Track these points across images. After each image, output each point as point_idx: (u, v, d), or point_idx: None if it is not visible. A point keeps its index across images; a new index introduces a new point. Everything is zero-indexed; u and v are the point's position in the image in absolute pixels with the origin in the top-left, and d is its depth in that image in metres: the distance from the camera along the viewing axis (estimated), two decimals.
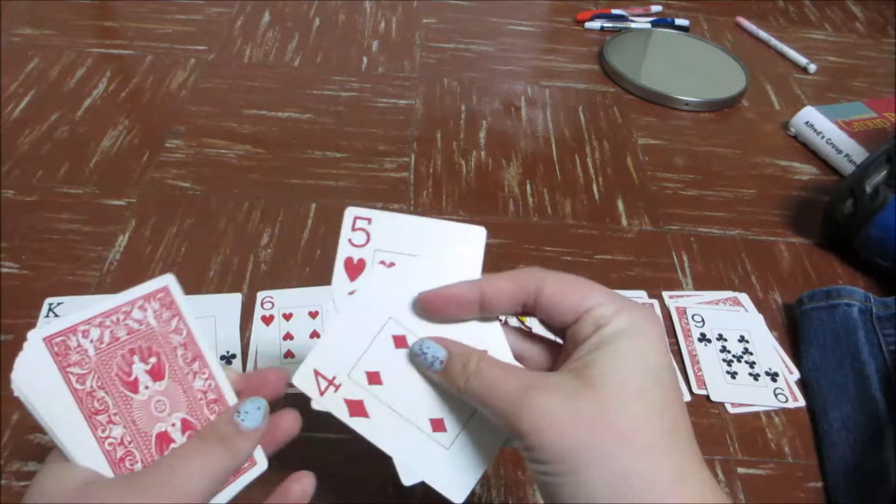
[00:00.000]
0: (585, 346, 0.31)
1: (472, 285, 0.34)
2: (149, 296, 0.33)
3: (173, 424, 0.32)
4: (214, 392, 0.34)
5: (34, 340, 0.30)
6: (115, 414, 0.31)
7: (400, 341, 0.35)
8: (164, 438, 0.32)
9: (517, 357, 0.35)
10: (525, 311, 0.34)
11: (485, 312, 0.34)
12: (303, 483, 0.35)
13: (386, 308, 0.35)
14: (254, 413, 0.33)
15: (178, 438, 0.32)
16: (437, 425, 0.34)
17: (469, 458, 0.34)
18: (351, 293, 0.35)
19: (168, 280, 0.34)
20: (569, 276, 0.33)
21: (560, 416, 0.28)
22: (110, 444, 0.30)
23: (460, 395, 0.32)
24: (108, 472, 0.30)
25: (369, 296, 0.35)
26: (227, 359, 0.53)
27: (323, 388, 0.34)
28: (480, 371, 0.31)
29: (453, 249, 0.36)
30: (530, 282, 0.33)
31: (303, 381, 0.35)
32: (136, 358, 0.32)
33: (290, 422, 0.36)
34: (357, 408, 0.34)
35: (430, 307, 0.34)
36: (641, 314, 0.31)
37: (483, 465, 0.34)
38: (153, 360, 0.32)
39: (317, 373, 0.35)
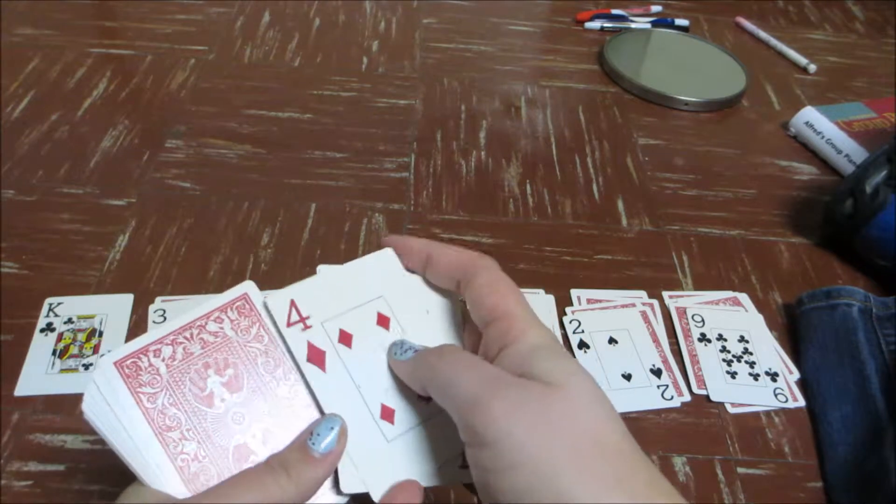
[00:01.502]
0: (513, 352, 0.30)
1: (425, 245, 0.35)
2: (225, 306, 0.33)
3: (254, 436, 0.31)
4: (301, 397, 0.33)
5: (105, 365, 0.30)
6: (188, 430, 0.30)
7: (383, 320, 0.35)
8: (242, 450, 0.31)
9: None
10: (458, 289, 0.34)
11: (428, 272, 0.36)
12: (409, 493, 0.32)
13: (381, 285, 0.35)
14: (325, 434, 0.31)
15: (260, 450, 0.31)
16: (387, 414, 0.33)
17: (405, 462, 0.33)
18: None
19: (247, 287, 0.33)
20: (500, 278, 0.33)
21: (532, 408, 0.27)
22: (183, 460, 0.30)
23: (428, 380, 0.31)
24: (181, 490, 0.30)
25: (366, 268, 0.35)
26: None
27: (292, 321, 0.33)
28: (456, 352, 0.31)
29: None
30: (468, 266, 0.34)
31: (276, 304, 0.33)
32: (210, 371, 0.31)
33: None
34: (316, 356, 0.33)
35: (391, 243, 0.36)
36: (551, 332, 0.32)
37: (414, 478, 0.33)
38: (230, 371, 0.32)
39: (293, 303, 0.33)
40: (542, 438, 0.26)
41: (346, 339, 0.34)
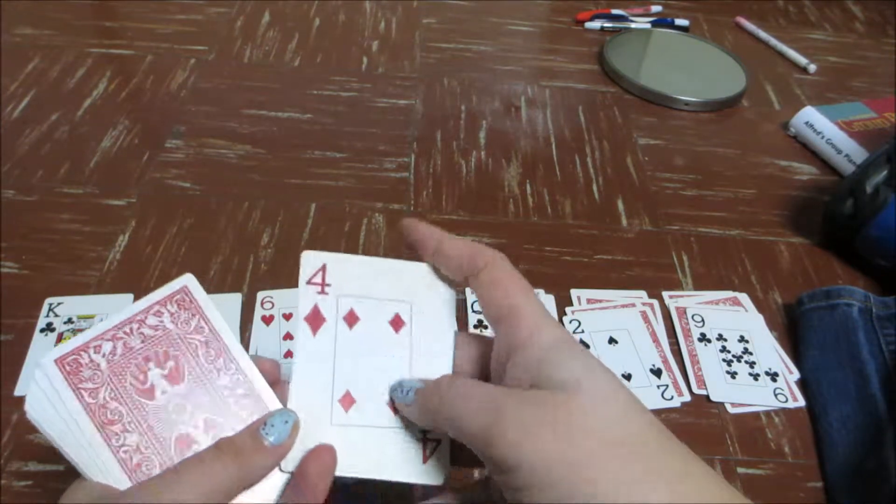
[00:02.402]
0: (524, 359, 0.30)
1: (437, 233, 0.35)
2: (164, 300, 0.33)
3: (195, 426, 0.32)
4: (243, 386, 0.33)
5: (45, 364, 0.30)
6: (129, 422, 0.31)
7: (398, 323, 0.34)
8: (184, 440, 0.31)
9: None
10: (466, 282, 0.34)
11: (436, 260, 0.35)
12: (322, 460, 0.31)
13: (415, 294, 0.35)
14: (279, 427, 0.31)
15: (202, 439, 0.32)
16: (346, 401, 0.33)
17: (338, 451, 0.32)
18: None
19: (185, 280, 0.34)
20: (509, 272, 0.33)
21: (544, 427, 0.27)
22: (125, 451, 0.30)
23: (434, 416, 0.31)
24: (124, 481, 0.30)
25: (408, 271, 0.35)
26: None
27: (314, 280, 0.34)
28: (452, 388, 0.30)
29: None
30: (477, 259, 0.33)
31: (308, 260, 0.34)
32: (151, 364, 0.32)
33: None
34: (315, 319, 0.33)
35: (406, 226, 0.36)
36: (560, 327, 0.31)
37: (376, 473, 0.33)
38: (170, 363, 0.32)
39: (323, 267, 0.34)
40: (563, 452, 0.26)
41: (351, 319, 0.34)
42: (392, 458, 0.33)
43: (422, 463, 0.33)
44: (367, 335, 0.34)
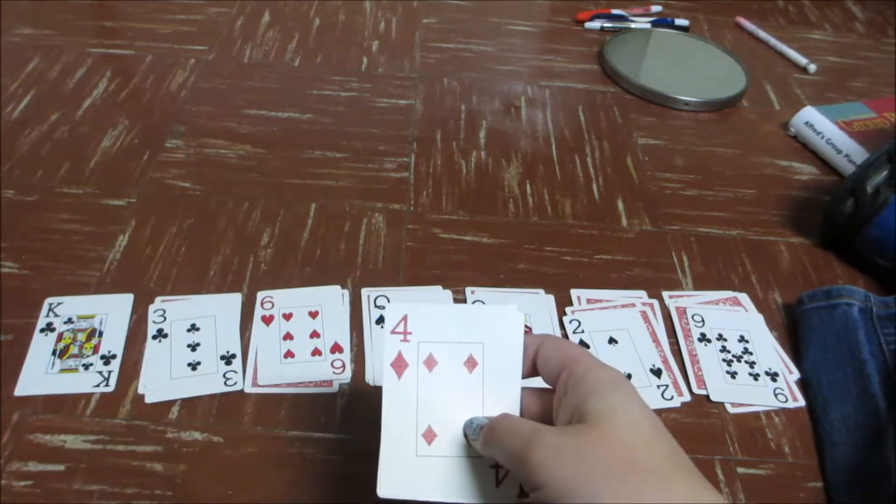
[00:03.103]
0: (572, 396, 0.34)
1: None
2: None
3: None
4: None
5: None
6: None
7: (472, 363, 0.38)
8: None
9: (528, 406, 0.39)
10: (534, 368, 0.38)
11: None
12: None
13: (488, 334, 0.39)
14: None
15: None
16: (429, 435, 0.38)
17: (424, 480, 0.37)
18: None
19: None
20: (562, 340, 0.39)
21: (567, 450, 0.31)
22: None
23: (489, 449, 0.36)
24: None
25: (485, 314, 0.39)
26: (228, 358, 0.53)
27: (397, 329, 0.38)
28: (503, 421, 0.35)
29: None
30: (534, 342, 0.38)
31: (392, 311, 0.39)
32: None
33: None
34: (399, 364, 0.38)
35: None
36: (617, 371, 0.36)
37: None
38: None
39: (405, 318, 0.38)
40: (580, 472, 0.31)
41: (430, 363, 0.38)
42: (469, 483, 0.37)
43: (494, 487, 0.37)
44: (445, 375, 0.38)
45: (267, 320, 0.56)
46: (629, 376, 0.55)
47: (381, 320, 0.57)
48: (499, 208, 0.69)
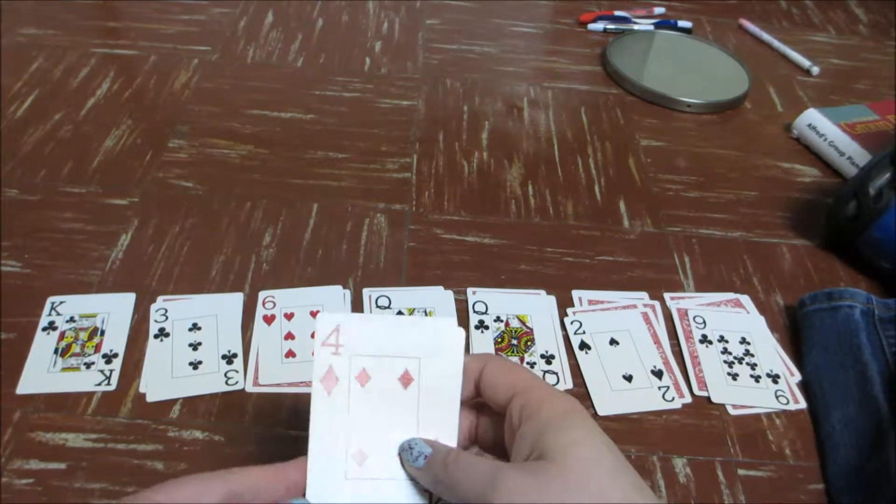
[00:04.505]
0: (528, 431, 0.33)
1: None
2: None
3: None
4: None
5: None
6: None
7: (406, 379, 0.36)
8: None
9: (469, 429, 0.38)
10: (476, 390, 0.36)
11: None
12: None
13: (426, 350, 0.36)
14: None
15: None
16: (359, 456, 0.35)
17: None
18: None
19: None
20: (509, 362, 0.37)
21: (532, 491, 0.30)
22: None
23: (437, 486, 0.34)
24: None
25: (426, 328, 0.36)
26: (229, 358, 0.53)
27: (328, 342, 0.35)
28: (459, 459, 0.33)
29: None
30: (477, 363, 0.36)
31: (323, 322, 0.36)
32: None
33: None
34: (329, 380, 0.35)
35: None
36: (570, 399, 0.34)
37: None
38: None
39: (337, 329, 0.36)
40: None
41: (363, 378, 0.36)
42: (404, 500, 0.35)
43: (423, 493, 0.35)
44: (378, 392, 0.36)
45: (268, 320, 0.56)
46: (630, 378, 0.55)
47: None
48: (501, 209, 0.69)
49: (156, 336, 0.54)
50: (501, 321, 0.58)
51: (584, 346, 0.57)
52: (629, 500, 0.30)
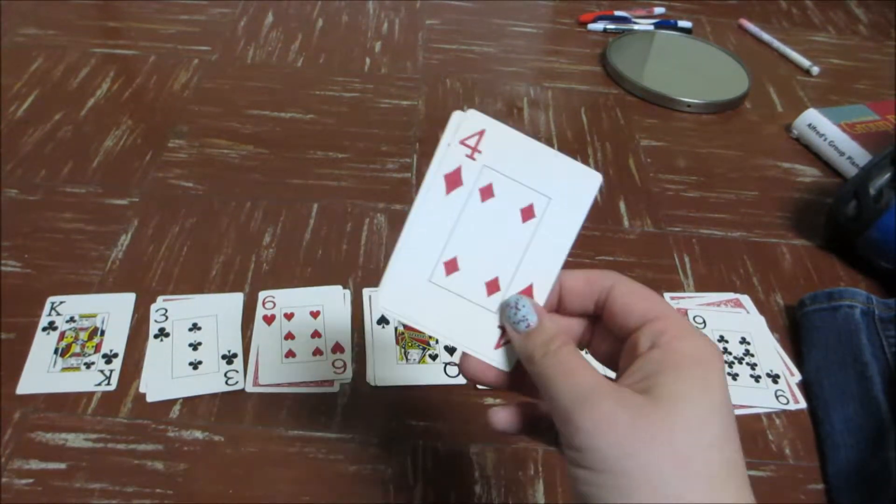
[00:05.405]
0: (649, 360, 0.30)
1: (553, 290, 0.34)
2: None
3: None
4: None
5: None
6: None
7: (528, 213, 0.34)
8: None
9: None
10: (596, 310, 0.34)
11: (562, 309, 0.35)
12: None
13: (560, 192, 0.34)
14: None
15: None
16: (450, 265, 0.34)
17: (429, 306, 0.34)
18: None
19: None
20: (640, 285, 0.33)
21: (622, 425, 0.28)
22: None
23: (530, 365, 0.32)
24: None
25: (565, 170, 0.34)
26: (229, 358, 0.53)
27: (467, 142, 0.34)
28: (560, 353, 0.31)
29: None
30: (604, 280, 0.34)
31: (468, 121, 0.33)
32: None
33: None
34: (453, 181, 0.34)
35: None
36: (708, 344, 0.31)
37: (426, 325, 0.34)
38: None
39: (481, 133, 0.33)
40: (625, 454, 0.27)
41: (486, 193, 0.34)
42: (470, 331, 0.34)
43: (493, 348, 0.34)
44: (495, 213, 0.34)
45: (268, 320, 0.56)
46: None
47: (382, 320, 0.57)
48: None
49: (156, 336, 0.54)
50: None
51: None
52: (714, 472, 0.28)
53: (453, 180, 0.34)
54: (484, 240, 0.34)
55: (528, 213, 0.34)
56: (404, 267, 0.34)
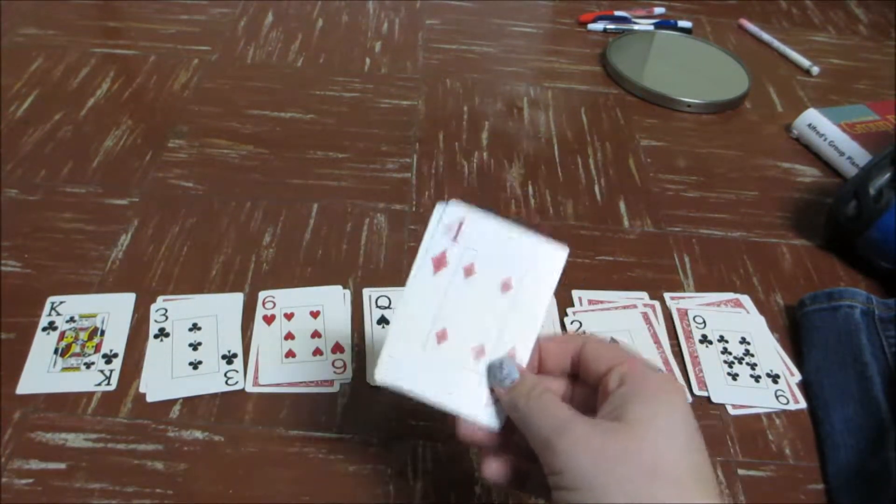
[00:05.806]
0: (618, 395, 0.34)
1: (534, 352, 0.39)
2: None
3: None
4: None
5: None
6: None
7: (507, 286, 0.39)
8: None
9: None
10: (573, 368, 0.39)
11: (544, 369, 0.39)
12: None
13: (531, 267, 0.39)
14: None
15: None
16: (440, 334, 0.38)
17: (426, 373, 0.38)
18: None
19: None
20: (605, 341, 0.39)
21: (596, 444, 0.32)
22: None
23: (514, 412, 0.36)
24: None
25: (536, 248, 0.39)
26: (229, 358, 0.53)
27: (451, 230, 0.39)
28: (541, 397, 0.35)
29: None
30: (577, 339, 0.39)
31: (450, 212, 0.39)
32: None
33: None
34: (440, 262, 0.39)
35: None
36: (670, 378, 0.37)
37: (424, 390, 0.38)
38: None
39: (461, 223, 0.39)
40: (599, 468, 0.31)
41: (469, 270, 0.39)
42: (461, 393, 0.38)
43: (484, 406, 0.38)
44: (478, 288, 0.39)
45: (268, 320, 0.56)
46: None
47: (382, 320, 0.57)
48: (501, 209, 0.69)
49: (156, 336, 0.54)
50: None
51: None
52: (682, 477, 0.31)
53: (439, 262, 0.39)
54: (469, 312, 0.39)
55: (506, 286, 0.39)
56: (399, 341, 0.38)
